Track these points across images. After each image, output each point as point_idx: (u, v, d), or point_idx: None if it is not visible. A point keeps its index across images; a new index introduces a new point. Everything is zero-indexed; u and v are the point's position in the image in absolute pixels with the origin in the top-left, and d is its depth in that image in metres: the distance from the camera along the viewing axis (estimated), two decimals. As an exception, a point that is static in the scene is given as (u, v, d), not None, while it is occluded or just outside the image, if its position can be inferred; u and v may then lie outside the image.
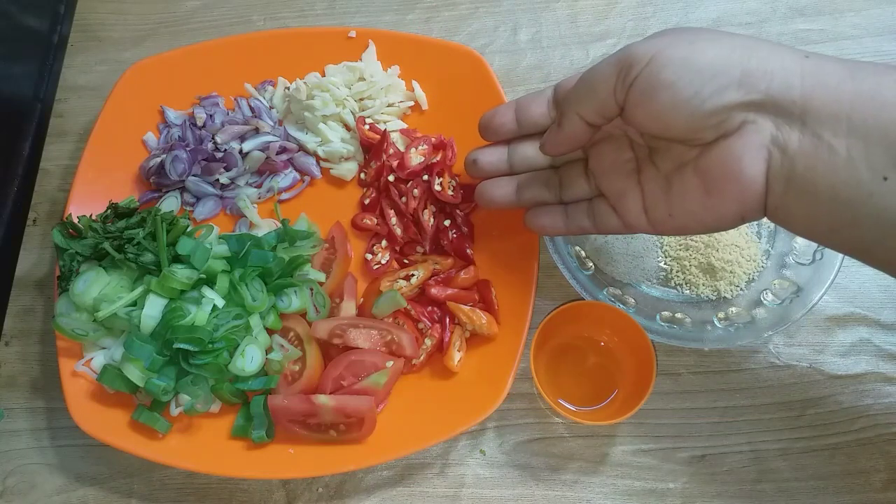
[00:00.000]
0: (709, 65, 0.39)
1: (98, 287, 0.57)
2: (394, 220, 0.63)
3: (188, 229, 0.60)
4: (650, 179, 0.46)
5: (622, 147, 0.48)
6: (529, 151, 0.53)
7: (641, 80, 0.41)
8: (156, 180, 0.65)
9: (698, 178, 0.43)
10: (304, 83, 0.66)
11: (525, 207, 0.54)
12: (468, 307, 0.58)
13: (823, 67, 0.39)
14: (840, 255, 0.54)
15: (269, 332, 0.59)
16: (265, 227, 0.64)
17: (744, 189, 0.41)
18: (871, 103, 0.37)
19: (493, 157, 0.54)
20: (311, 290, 0.60)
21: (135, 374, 0.55)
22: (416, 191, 0.61)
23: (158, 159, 0.65)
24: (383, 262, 0.62)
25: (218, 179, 0.65)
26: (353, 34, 0.68)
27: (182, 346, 0.54)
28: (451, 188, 0.61)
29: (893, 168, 0.36)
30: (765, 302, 0.58)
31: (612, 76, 0.43)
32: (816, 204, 0.39)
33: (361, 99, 0.67)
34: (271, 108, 0.69)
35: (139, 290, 0.57)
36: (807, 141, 0.38)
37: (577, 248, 0.61)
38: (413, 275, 0.60)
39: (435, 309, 0.60)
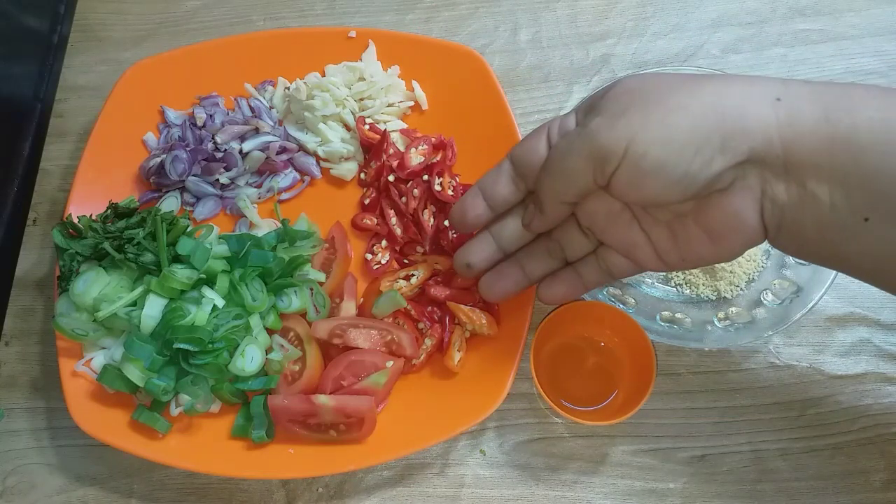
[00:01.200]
0: (689, 140, 0.39)
1: (98, 287, 0.57)
2: (394, 220, 0.63)
3: (188, 229, 0.60)
4: (653, 227, 0.46)
5: (610, 199, 0.46)
6: (512, 228, 0.50)
7: (624, 172, 0.41)
8: (156, 180, 0.65)
9: (700, 228, 0.43)
10: (304, 83, 0.66)
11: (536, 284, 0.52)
12: (468, 307, 0.58)
13: (799, 111, 0.39)
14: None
15: (269, 332, 0.59)
16: (265, 227, 0.64)
17: (746, 234, 0.42)
18: (847, 149, 0.38)
19: (484, 253, 0.51)
20: (311, 290, 0.60)
21: (135, 374, 0.55)
22: (416, 191, 0.61)
23: (158, 159, 0.65)
24: (383, 262, 0.62)
25: (218, 179, 0.65)
26: (353, 34, 0.68)
27: (182, 346, 0.54)
28: (451, 188, 0.61)
29: (872, 210, 0.38)
30: (765, 302, 0.58)
31: (587, 169, 0.43)
32: (807, 243, 0.41)
33: (361, 99, 0.67)
34: (271, 108, 0.69)
35: (139, 290, 0.57)
36: (793, 191, 0.40)
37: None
38: (413, 275, 0.60)
39: (435, 309, 0.60)
